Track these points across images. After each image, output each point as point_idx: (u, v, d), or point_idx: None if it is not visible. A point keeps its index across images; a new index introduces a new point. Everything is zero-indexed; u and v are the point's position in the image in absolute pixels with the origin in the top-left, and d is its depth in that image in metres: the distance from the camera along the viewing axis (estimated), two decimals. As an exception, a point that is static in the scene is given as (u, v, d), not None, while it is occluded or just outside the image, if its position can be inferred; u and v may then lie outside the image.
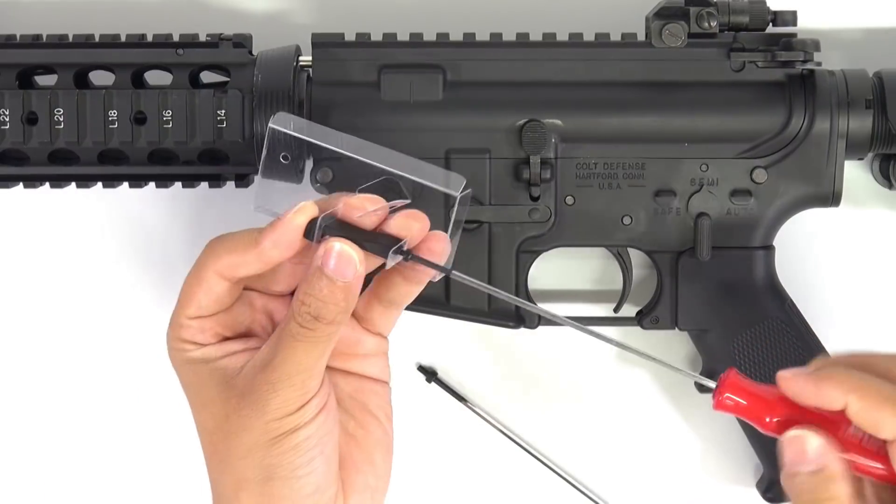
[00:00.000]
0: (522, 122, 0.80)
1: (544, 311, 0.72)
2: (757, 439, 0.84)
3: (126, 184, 0.82)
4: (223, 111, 0.79)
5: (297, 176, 0.81)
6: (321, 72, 0.80)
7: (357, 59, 0.80)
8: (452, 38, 0.81)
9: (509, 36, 0.82)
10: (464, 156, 0.81)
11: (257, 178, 0.71)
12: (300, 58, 0.81)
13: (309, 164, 0.82)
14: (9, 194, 0.86)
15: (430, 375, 0.89)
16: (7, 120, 0.79)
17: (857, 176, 0.87)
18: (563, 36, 0.82)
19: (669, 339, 0.89)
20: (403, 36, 0.81)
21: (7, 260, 0.89)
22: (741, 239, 0.82)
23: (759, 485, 0.87)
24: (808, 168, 0.81)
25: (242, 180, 0.82)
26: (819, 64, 0.81)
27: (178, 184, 0.83)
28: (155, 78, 0.81)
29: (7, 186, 0.82)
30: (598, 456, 0.90)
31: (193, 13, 0.87)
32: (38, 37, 0.81)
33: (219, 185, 0.82)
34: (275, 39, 0.83)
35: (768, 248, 0.82)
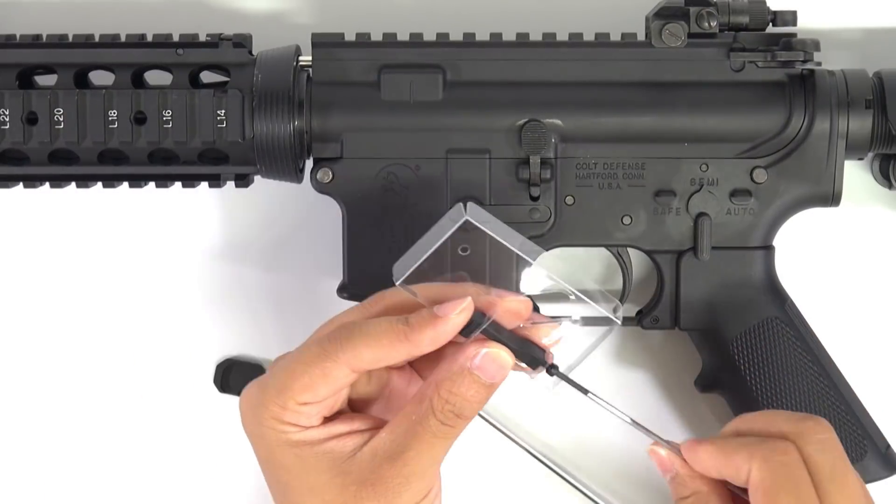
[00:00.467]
0: (522, 122, 0.80)
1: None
2: (757, 439, 0.84)
3: (126, 184, 0.82)
4: (223, 111, 0.79)
5: (296, 176, 0.81)
6: (321, 72, 0.80)
7: (357, 59, 0.80)
8: (452, 38, 0.81)
9: (509, 36, 0.82)
10: (464, 156, 0.81)
11: (421, 259, 0.68)
12: (300, 58, 0.81)
13: (309, 164, 0.82)
14: (9, 194, 0.86)
15: (431, 375, 0.89)
16: (7, 120, 0.78)
17: (857, 176, 0.87)
18: (563, 36, 0.82)
19: (669, 339, 0.89)
20: (403, 36, 0.81)
21: (7, 260, 0.89)
22: (741, 239, 0.82)
23: (759, 485, 0.87)
24: (808, 168, 0.81)
25: (242, 180, 0.82)
26: (819, 64, 0.81)
27: (178, 184, 0.83)
28: (155, 78, 0.81)
29: (7, 186, 0.82)
30: (598, 455, 0.90)
31: (193, 13, 0.87)
32: (38, 37, 0.81)
33: (219, 185, 0.82)
34: (275, 39, 0.83)
35: (768, 248, 0.82)
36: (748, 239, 0.82)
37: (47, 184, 0.82)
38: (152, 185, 0.83)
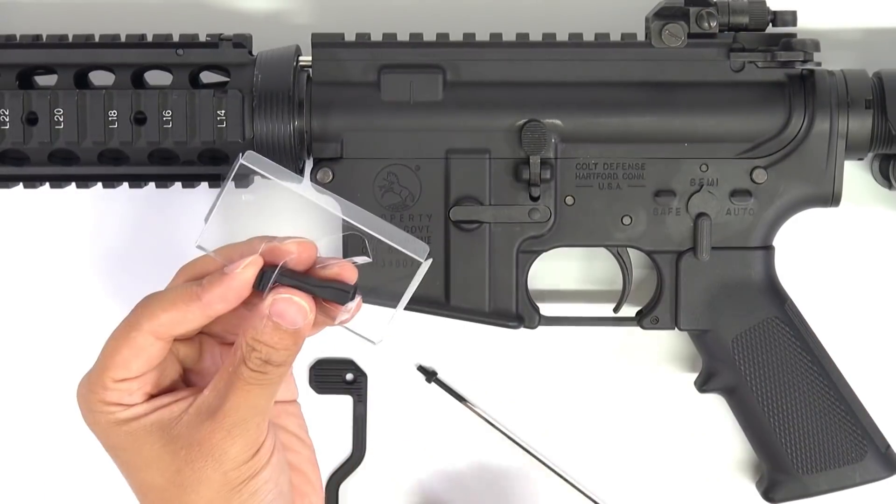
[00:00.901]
0: (522, 122, 0.80)
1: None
2: (757, 439, 0.84)
3: (126, 184, 0.82)
4: (223, 111, 0.79)
5: (296, 176, 0.81)
6: (321, 72, 0.80)
7: (357, 59, 0.80)
8: (452, 38, 0.81)
9: (509, 36, 0.82)
10: (464, 156, 0.81)
11: (210, 215, 0.70)
12: (300, 58, 0.81)
13: (309, 164, 0.82)
14: (9, 194, 0.86)
15: (430, 375, 0.89)
16: (7, 120, 0.78)
17: (857, 176, 0.87)
18: (563, 36, 0.82)
19: (669, 339, 0.89)
20: (403, 36, 0.81)
21: (7, 260, 0.89)
22: (741, 239, 0.82)
23: (758, 485, 0.87)
24: (808, 168, 0.81)
25: (242, 180, 0.82)
26: (819, 64, 0.81)
27: (178, 184, 0.83)
28: (155, 78, 0.81)
29: (7, 186, 0.82)
30: (598, 455, 0.90)
31: (193, 13, 0.87)
32: (38, 37, 0.81)
33: (219, 185, 0.82)
34: (275, 39, 0.83)
35: (768, 248, 0.82)
36: (748, 239, 0.82)
37: (47, 184, 0.82)
38: (152, 185, 0.83)
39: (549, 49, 0.81)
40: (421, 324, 0.86)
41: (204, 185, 0.82)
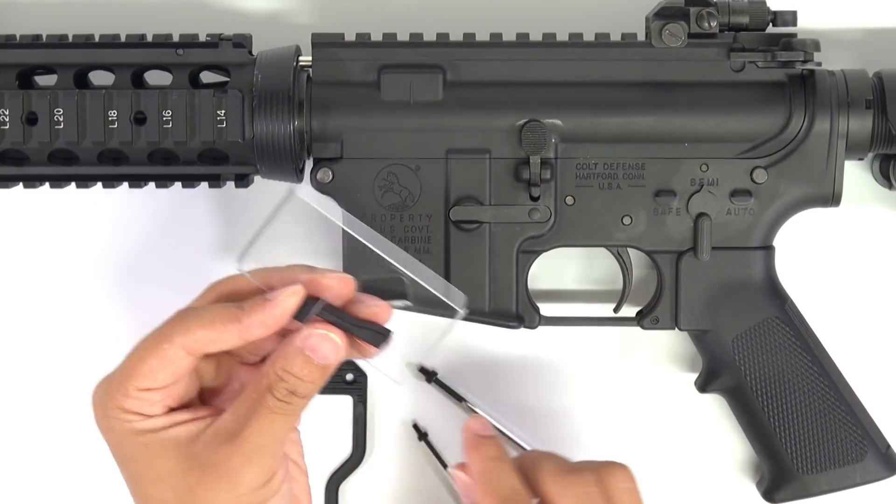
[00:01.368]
0: (522, 122, 0.80)
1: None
2: (757, 439, 0.84)
3: (126, 184, 0.82)
4: (223, 111, 0.79)
5: (296, 176, 0.81)
6: (321, 72, 0.80)
7: (357, 59, 0.80)
8: (452, 38, 0.81)
9: (509, 36, 0.82)
10: (464, 156, 0.81)
11: (255, 240, 0.71)
12: (300, 58, 0.81)
13: (309, 164, 0.82)
14: (9, 194, 0.86)
15: (430, 375, 0.89)
16: (7, 120, 0.78)
17: (857, 176, 0.87)
18: (563, 36, 0.82)
19: (669, 339, 0.89)
20: (403, 36, 0.81)
21: (7, 260, 0.89)
22: (741, 239, 0.82)
23: (759, 485, 0.87)
24: (808, 168, 0.81)
25: (242, 180, 0.82)
26: (819, 64, 0.81)
27: (178, 184, 0.83)
28: (155, 78, 0.81)
29: (7, 186, 0.82)
30: (598, 456, 0.89)
31: (193, 13, 0.87)
32: (38, 37, 0.81)
33: (218, 186, 0.82)
34: (275, 39, 0.83)
35: (768, 248, 0.82)
36: (748, 239, 0.82)
37: (47, 184, 0.82)
38: (152, 185, 0.83)
39: (549, 49, 0.81)
40: (421, 323, 0.86)
41: (204, 185, 0.82)
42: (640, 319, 0.84)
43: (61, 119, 0.79)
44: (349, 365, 0.89)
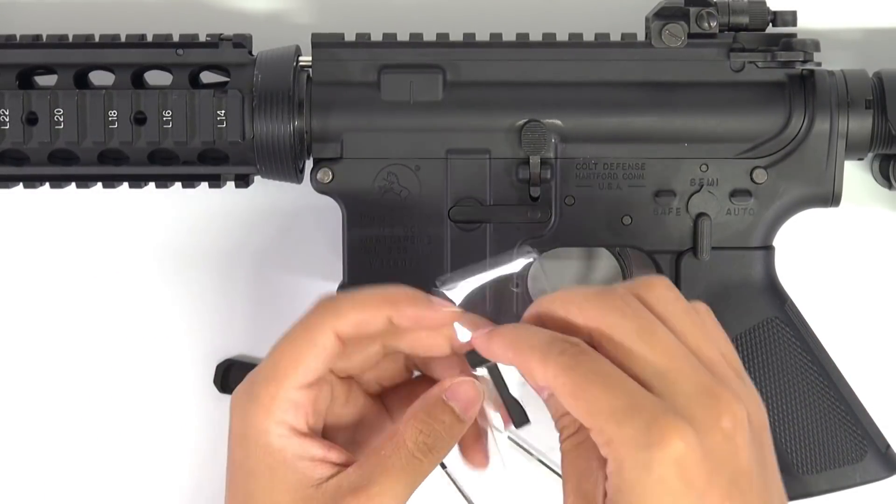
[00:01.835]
0: (522, 122, 0.80)
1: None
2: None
3: (126, 184, 0.82)
4: (223, 111, 0.79)
5: (296, 177, 0.81)
6: (321, 72, 0.80)
7: (357, 59, 0.80)
8: (452, 38, 0.81)
9: (509, 36, 0.82)
10: (464, 156, 0.81)
11: (469, 277, 0.71)
12: (300, 58, 0.81)
13: (309, 164, 0.82)
14: (9, 194, 0.86)
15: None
16: (7, 120, 0.78)
17: (857, 176, 0.88)
18: (563, 36, 0.82)
19: (669, 339, 0.89)
20: (403, 36, 0.81)
21: (7, 260, 0.89)
22: (741, 239, 0.82)
23: (758, 485, 0.87)
24: (808, 168, 0.81)
25: (242, 180, 0.82)
26: (819, 64, 0.81)
27: (178, 184, 0.83)
28: (155, 78, 0.81)
29: (7, 186, 0.82)
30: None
31: (193, 13, 0.87)
32: (38, 37, 0.81)
33: (218, 186, 0.82)
34: (275, 39, 0.83)
35: (768, 249, 0.82)
36: (748, 239, 0.82)
37: (47, 184, 0.82)
38: (152, 185, 0.83)
39: (549, 49, 0.81)
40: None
41: (204, 185, 0.82)
42: (640, 319, 0.84)
43: (61, 119, 0.79)
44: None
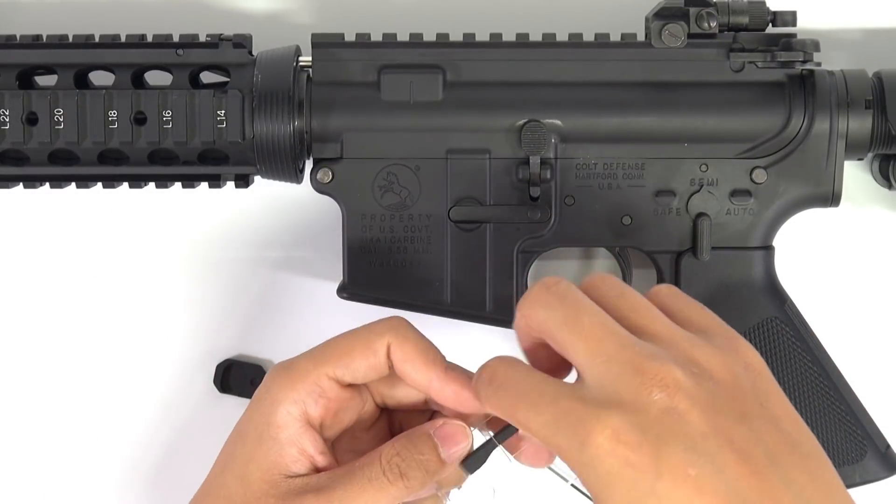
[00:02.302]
0: (522, 122, 0.80)
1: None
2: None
3: (126, 184, 0.82)
4: (223, 111, 0.79)
5: (296, 177, 0.81)
6: (321, 72, 0.80)
7: (357, 59, 0.80)
8: (452, 38, 0.81)
9: (509, 36, 0.82)
10: (464, 156, 0.81)
11: (489, 452, 0.70)
12: (300, 58, 0.81)
13: (309, 164, 0.82)
14: (9, 194, 0.86)
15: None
16: (7, 120, 0.78)
17: (857, 176, 0.88)
18: (562, 36, 0.82)
19: (669, 339, 0.89)
20: (403, 36, 0.81)
21: (7, 260, 0.89)
22: (741, 239, 0.82)
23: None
24: (808, 168, 0.81)
25: (242, 181, 0.82)
26: (819, 64, 0.81)
27: (177, 184, 0.83)
28: (155, 78, 0.81)
29: (7, 186, 0.82)
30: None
31: (193, 13, 0.87)
32: (38, 37, 0.81)
33: (218, 186, 0.82)
34: (275, 39, 0.83)
35: (768, 248, 0.82)
36: (748, 239, 0.82)
37: (47, 184, 0.82)
38: (152, 185, 0.83)
39: (549, 49, 0.81)
40: (421, 324, 0.86)
41: (204, 185, 0.82)
42: (639, 319, 0.84)
43: (61, 119, 0.79)
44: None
